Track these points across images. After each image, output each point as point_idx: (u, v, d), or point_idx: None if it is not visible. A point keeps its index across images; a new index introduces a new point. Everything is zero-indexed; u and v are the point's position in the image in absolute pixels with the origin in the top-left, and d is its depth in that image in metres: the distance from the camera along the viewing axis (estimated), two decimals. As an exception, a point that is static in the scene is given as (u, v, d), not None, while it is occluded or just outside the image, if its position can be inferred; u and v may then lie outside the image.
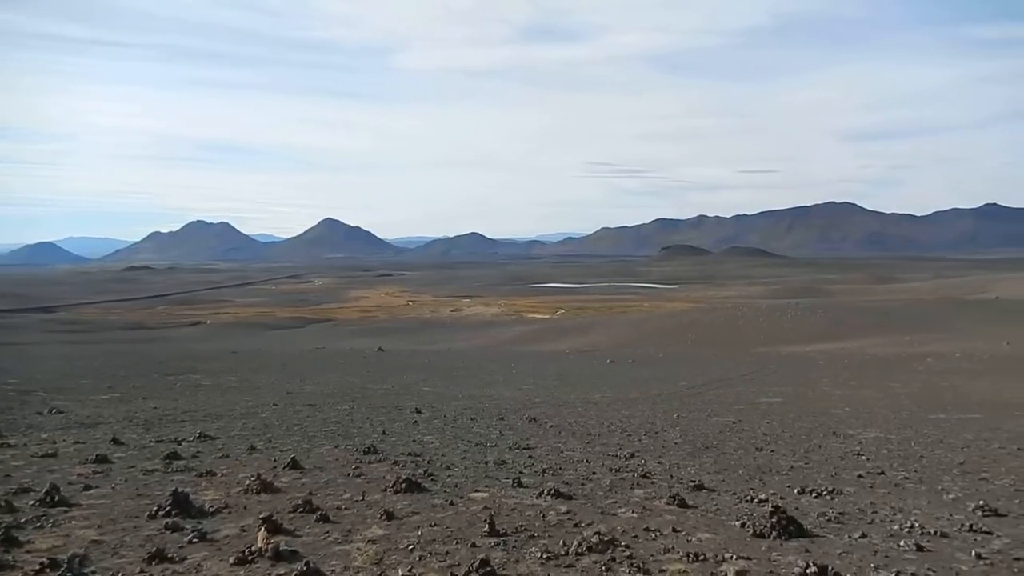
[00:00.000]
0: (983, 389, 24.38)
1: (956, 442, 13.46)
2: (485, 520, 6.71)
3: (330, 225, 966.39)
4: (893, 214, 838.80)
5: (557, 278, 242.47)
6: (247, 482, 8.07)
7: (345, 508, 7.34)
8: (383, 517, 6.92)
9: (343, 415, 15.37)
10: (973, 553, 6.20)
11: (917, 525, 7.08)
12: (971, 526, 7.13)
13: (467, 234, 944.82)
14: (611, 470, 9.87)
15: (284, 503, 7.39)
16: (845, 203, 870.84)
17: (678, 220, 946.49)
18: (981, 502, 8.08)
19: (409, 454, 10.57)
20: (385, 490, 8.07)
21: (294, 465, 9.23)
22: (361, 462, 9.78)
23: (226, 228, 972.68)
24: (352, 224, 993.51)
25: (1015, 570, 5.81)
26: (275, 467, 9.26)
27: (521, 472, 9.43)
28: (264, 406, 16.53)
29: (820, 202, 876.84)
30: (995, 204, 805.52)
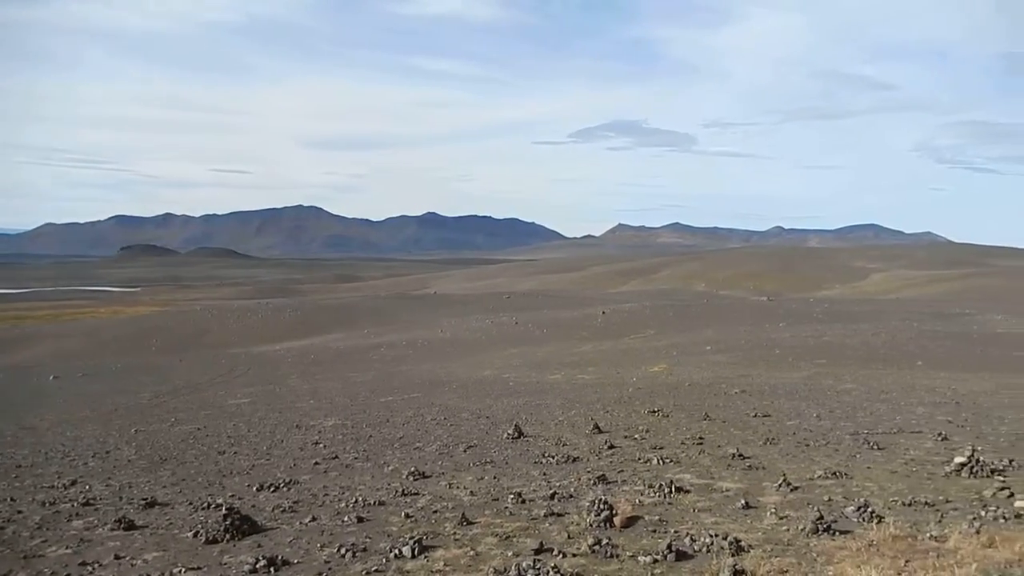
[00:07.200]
0: (424, 371, 28.41)
1: (399, 419, 15.37)
2: None
3: None
4: (354, 218, 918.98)
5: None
6: None
7: None
8: None
9: None
10: (403, 514, 7.11)
11: (360, 499, 7.83)
12: (403, 491, 8.21)
13: None
14: (43, 504, 8.53)
15: None
16: (312, 207, 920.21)
17: (141, 218, 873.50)
18: (413, 468, 9.36)
19: None
20: None
21: None
22: None
23: None
24: None
25: (433, 521, 6.87)
26: None
27: (-90, 529, 7.45)
28: None
29: (289, 205, 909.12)
30: (434, 213, 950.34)
